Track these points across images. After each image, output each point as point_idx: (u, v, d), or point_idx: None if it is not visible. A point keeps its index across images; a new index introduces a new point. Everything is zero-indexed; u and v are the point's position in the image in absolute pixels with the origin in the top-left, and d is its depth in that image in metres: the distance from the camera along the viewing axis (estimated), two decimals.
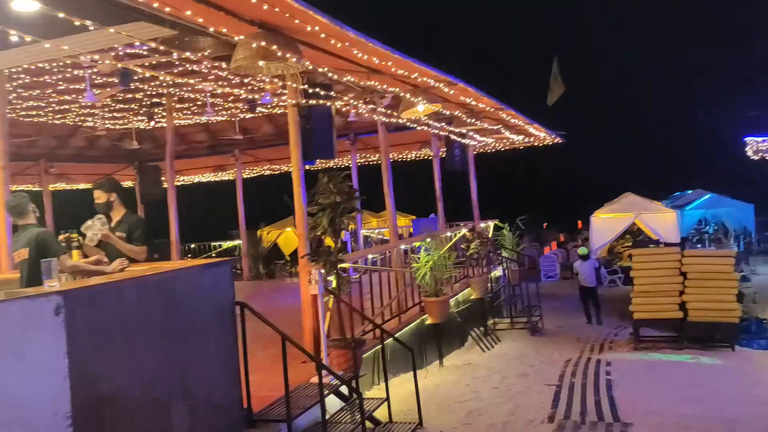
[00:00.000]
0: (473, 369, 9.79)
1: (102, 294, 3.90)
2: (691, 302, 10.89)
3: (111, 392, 3.77)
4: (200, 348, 4.67)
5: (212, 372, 4.76)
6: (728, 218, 25.48)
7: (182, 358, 4.45)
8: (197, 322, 4.66)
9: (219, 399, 4.84)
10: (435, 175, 13.70)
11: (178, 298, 4.49)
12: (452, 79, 7.45)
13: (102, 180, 6.17)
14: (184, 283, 4.63)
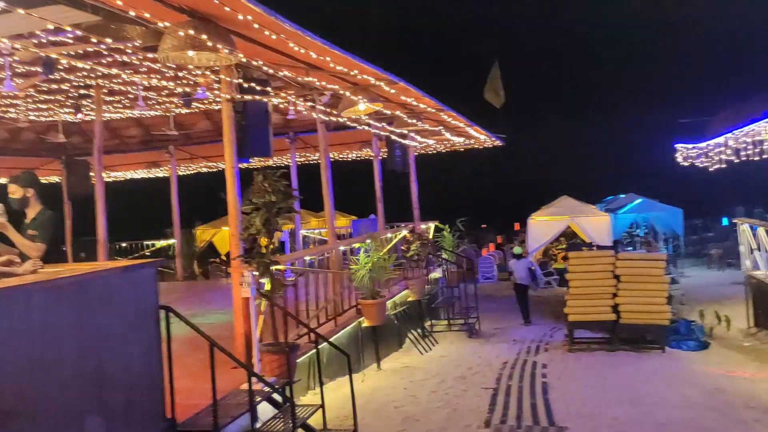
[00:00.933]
0: (411, 372, 9.69)
1: (6, 299, 3.56)
2: (623, 304, 11.10)
3: (16, 406, 3.45)
4: (119, 355, 4.36)
5: (132, 381, 4.46)
6: (658, 222, 26.36)
7: (99, 366, 4.14)
8: (117, 327, 4.36)
9: (140, 409, 4.54)
10: (375, 175, 13.59)
11: (95, 303, 4.18)
12: (393, 77, 7.31)
13: (19, 174, 5.74)
14: (103, 286, 4.32)
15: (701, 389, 8.20)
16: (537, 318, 15.98)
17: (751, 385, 8.50)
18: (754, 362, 10.26)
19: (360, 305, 9.91)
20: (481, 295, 16.63)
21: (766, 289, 12.60)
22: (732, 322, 13.19)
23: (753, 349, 11.55)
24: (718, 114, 14.76)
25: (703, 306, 14.99)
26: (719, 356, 11.04)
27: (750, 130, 12.74)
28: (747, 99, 13.12)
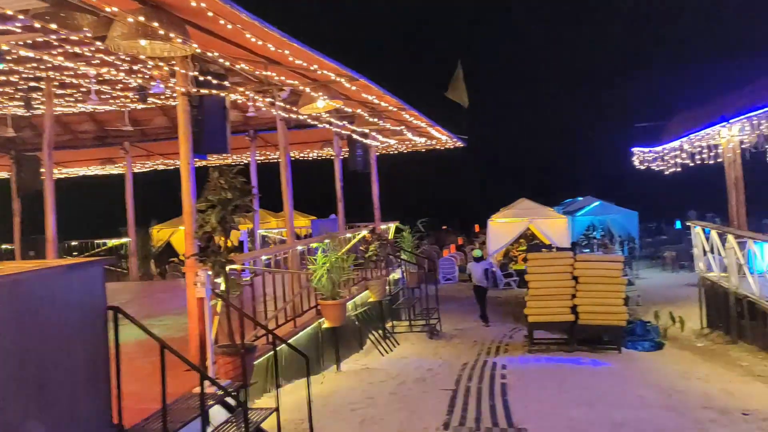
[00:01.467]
0: (371, 373, 9.57)
1: None
2: (582, 305, 11.19)
3: None
4: (62, 358, 4.13)
5: (76, 385, 4.23)
6: (614, 224, 26.85)
7: (40, 370, 3.91)
8: (60, 329, 4.13)
9: (84, 415, 4.32)
10: (336, 175, 13.45)
11: (36, 303, 3.95)
12: (354, 74, 7.18)
13: None
14: (45, 286, 4.09)
15: (657, 389, 8.29)
16: (497, 319, 16.06)
17: (706, 385, 8.62)
18: (708, 362, 10.45)
19: (320, 306, 9.76)
20: (442, 296, 16.62)
21: (719, 290, 12.87)
22: (686, 323, 13.45)
23: (706, 350, 11.78)
24: (674, 118, 15.03)
25: (657, 307, 15.26)
26: (674, 357, 11.21)
27: (705, 134, 13.00)
28: (702, 104, 13.38)
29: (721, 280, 12.78)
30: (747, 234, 12.75)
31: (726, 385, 8.56)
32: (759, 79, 11.06)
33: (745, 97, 10.64)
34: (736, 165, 13.67)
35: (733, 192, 13.73)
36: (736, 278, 11.95)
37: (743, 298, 11.48)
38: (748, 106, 9.82)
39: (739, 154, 13.53)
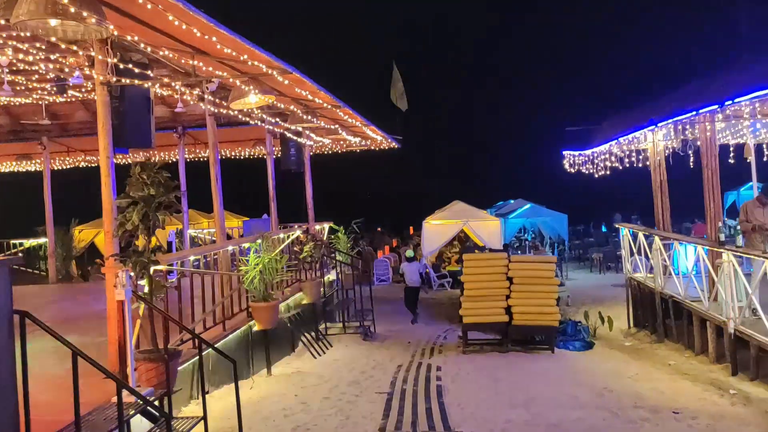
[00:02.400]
0: (303, 377, 9.29)
1: None
2: (516, 306, 11.23)
3: None
4: None
5: None
6: (545, 227, 27.42)
7: None
8: None
9: None
10: (269, 174, 13.08)
11: None
12: (286, 66, 6.90)
13: None
14: None
15: (590, 389, 8.35)
16: (431, 320, 16.04)
17: (637, 384, 8.76)
18: (637, 361, 10.66)
19: (251, 308, 9.41)
20: (377, 297, 16.48)
21: (646, 290, 13.22)
22: (614, 323, 13.73)
23: (633, 349, 12.04)
24: (604, 122, 15.37)
25: (587, 307, 15.56)
26: (604, 356, 11.40)
27: (634, 137, 13.32)
28: (631, 108, 13.72)
29: (647, 280, 13.14)
30: (672, 236, 13.14)
31: (656, 384, 8.72)
32: (685, 85, 11.39)
33: (672, 102, 10.93)
34: (661, 169, 14.07)
35: (659, 195, 14.12)
36: (662, 279, 12.29)
37: (668, 298, 11.80)
38: (675, 110, 10.07)
39: (664, 158, 13.95)
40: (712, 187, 11.60)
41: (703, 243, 10.96)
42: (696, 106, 8.89)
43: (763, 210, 9.96)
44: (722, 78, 9.04)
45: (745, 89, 7.58)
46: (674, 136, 12.82)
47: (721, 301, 9.67)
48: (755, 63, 8.15)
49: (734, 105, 8.46)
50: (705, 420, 6.75)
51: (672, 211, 14.25)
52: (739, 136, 16.07)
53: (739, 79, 8.21)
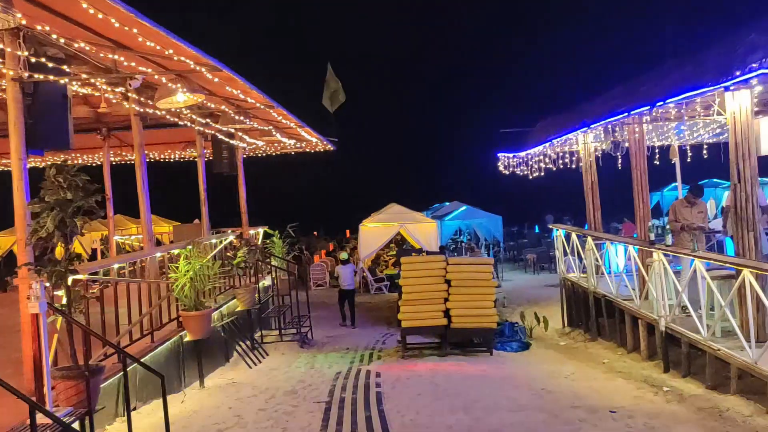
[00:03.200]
0: (238, 389, 8.93)
1: None
2: (454, 309, 11.17)
3: None
4: None
5: None
6: (480, 228, 27.66)
7: None
8: None
9: None
10: (200, 177, 12.61)
11: None
12: (216, 63, 6.56)
13: None
14: None
15: (529, 390, 8.34)
16: (369, 324, 15.88)
17: (574, 384, 8.81)
18: (572, 361, 10.78)
19: (181, 317, 8.98)
20: (314, 302, 16.21)
21: (579, 290, 13.43)
22: (549, 323, 13.90)
23: (568, 348, 12.20)
24: (538, 124, 15.59)
25: (522, 308, 15.75)
26: (541, 356, 11.49)
27: (567, 139, 13.53)
28: (564, 111, 13.93)
29: (580, 280, 13.35)
30: (604, 236, 13.41)
31: (592, 383, 8.80)
32: (615, 87, 11.62)
33: (604, 104, 11.13)
34: (592, 170, 14.36)
35: (590, 196, 14.40)
36: (595, 278, 12.51)
37: (601, 297, 12.01)
38: (606, 112, 10.25)
39: (594, 160, 14.23)
40: (641, 187, 11.89)
41: (634, 242, 11.19)
42: (628, 107, 9.04)
43: (691, 209, 10.23)
44: (653, 80, 9.23)
45: (675, 90, 7.74)
46: (604, 138, 13.08)
47: (652, 299, 9.88)
48: (683, 65, 8.34)
49: (664, 106, 8.63)
50: (642, 419, 6.80)
51: (602, 211, 14.56)
52: (664, 138, 16.61)
53: (669, 80, 8.39)
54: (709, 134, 16.41)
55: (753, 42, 5.96)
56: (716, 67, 7.00)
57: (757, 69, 5.79)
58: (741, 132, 8.24)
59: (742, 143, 8.26)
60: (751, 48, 5.92)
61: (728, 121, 8.34)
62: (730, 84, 6.68)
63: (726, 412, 6.97)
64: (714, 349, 8.00)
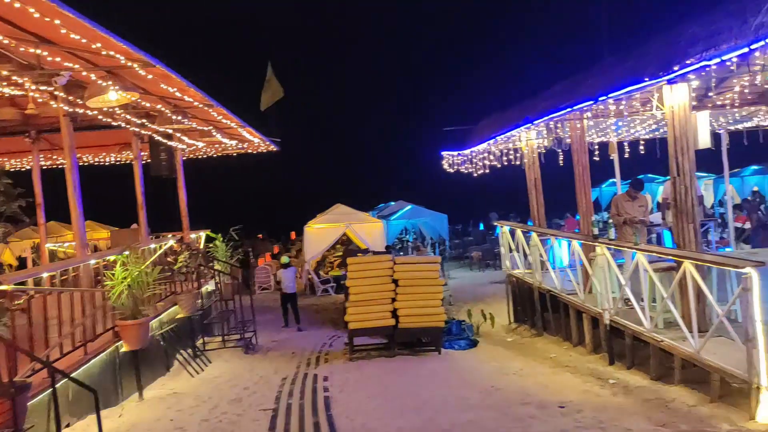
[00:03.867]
0: (179, 399, 8.58)
1: None
2: (402, 308, 11.06)
3: None
4: None
5: None
6: (426, 227, 27.77)
7: None
8: None
9: None
10: (136, 180, 12.12)
11: None
12: (149, 58, 6.23)
13: None
14: None
15: (478, 389, 8.29)
16: (315, 327, 15.65)
17: (522, 380, 8.82)
18: (520, 357, 10.82)
19: (118, 327, 8.57)
20: (259, 306, 15.87)
21: (524, 286, 13.53)
22: (496, 319, 13.97)
23: (515, 344, 12.27)
24: (482, 122, 15.65)
25: (469, 305, 15.78)
26: (488, 353, 11.51)
27: (511, 135, 13.61)
28: (508, 107, 14.02)
29: (525, 276, 13.45)
30: (549, 232, 13.56)
31: (539, 378, 8.82)
32: (556, 84, 11.74)
33: (547, 100, 11.22)
34: (535, 167, 14.49)
35: (534, 192, 14.53)
36: (540, 274, 12.62)
37: (546, 292, 12.13)
38: (550, 108, 10.33)
39: (537, 156, 14.37)
40: (584, 183, 12.04)
41: (578, 237, 11.32)
42: (572, 102, 9.12)
43: (633, 203, 10.41)
44: (596, 75, 9.34)
45: (618, 84, 7.83)
46: (547, 135, 13.22)
47: (596, 293, 10.01)
48: (625, 60, 8.45)
49: (605, 102, 8.72)
50: (590, 413, 6.82)
51: (546, 208, 14.72)
52: (603, 135, 16.95)
53: (612, 74, 8.48)
54: (645, 130, 16.83)
55: (694, 35, 6.04)
56: (658, 60, 7.09)
57: (698, 62, 5.86)
58: (679, 126, 8.41)
59: (681, 137, 8.43)
60: (692, 41, 6.00)
61: (667, 115, 8.50)
62: (673, 76, 6.75)
63: (671, 402, 7.06)
64: (657, 341, 8.12)
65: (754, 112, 15.42)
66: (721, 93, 12.73)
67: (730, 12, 5.40)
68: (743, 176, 25.10)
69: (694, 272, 7.42)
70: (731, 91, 12.65)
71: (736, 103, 13.38)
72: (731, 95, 12.90)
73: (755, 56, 5.95)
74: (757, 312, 6.15)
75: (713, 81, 8.61)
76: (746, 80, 11.90)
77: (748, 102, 13.84)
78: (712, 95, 10.59)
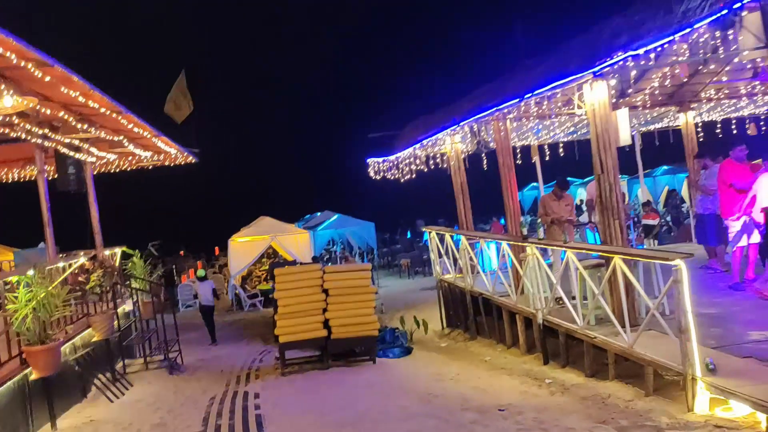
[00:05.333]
0: (97, 427, 7.95)
1: None
2: (334, 319, 10.73)
3: None
4: None
5: None
6: (354, 237, 27.52)
7: None
8: None
9: None
10: (41, 196, 11.26)
11: None
12: (45, 58, 5.65)
13: None
14: None
15: (417, 397, 8.06)
16: (244, 343, 15.11)
17: (459, 385, 8.66)
18: (455, 361, 10.69)
19: (24, 353, 7.84)
20: (183, 324, 15.20)
21: (456, 290, 13.46)
22: (429, 325, 13.84)
23: (450, 349, 12.16)
24: (407, 126, 15.55)
25: (401, 313, 15.62)
26: (424, 360, 11.34)
27: (437, 139, 13.54)
28: (434, 110, 13.96)
29: (456, 280, 13.38)
30: (478, 234, 13.56)
31: (477, 382, 8.68)
32: (482, 85, 11.76)
33: (473, 101, 11.21)
34: (461, 172, 14.48)
35: (460, 197, 14.50)
36: (471, 278, 12.56)
37: (478, 295, 12.07)
38: (476, 108, 10.29)
39: (462, 161, 14.37)
40: (510, 184, 12.08)
41: (508, 239, 11.31)
42: (498, 101, 9.08)
43: (559, 203, 10.49)
44: (520, 74, 9.36)
45: (543, 81, 7.82)
46: (471, 138, 13.23)
47: (528, 293, 9.99)
48: (546, 58, 8.48)
49: (528, 102, 8.72)
50: (531, 414, 6.71)
51: (473, 212, 14.74)
52: (524, 139, 17.22)
53: (536, 72, 8.49)
54: (564, 133, 17.23)
55: (618, 26, 6.05)
56: (583, 53, 7.10)
57: (624, 52, 5.86)
58: (601, 124, 8.48)
59: (602, 134, 8.50)
60: (617, 32, 6.00)
61: (588, 113, 8.56)
62: (600, 68, 6.75)
63: (608, 398, 7.05)
64: (590, 338, 8.13)
65: (664, 113, 16.05)
66: (634, 95, 13.16)
67: (651, 2, 5.43)
68: (655, 176, 26.18)
69: (624, 267, 7.45)
70: (642, 92, 13.10)
71: (648, 104, 13.88)
72: (643, 97, 13.37)
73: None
74: (688, 303, 6.20)
75: (632, 79, 8.80)
76: (657, 80, 12.36)
77: (659, 103, 14.39)
78: (630, 91, 10.84)
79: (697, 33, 4.81)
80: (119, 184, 18.72)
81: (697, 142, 14.89)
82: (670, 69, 11.25)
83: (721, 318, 7.92)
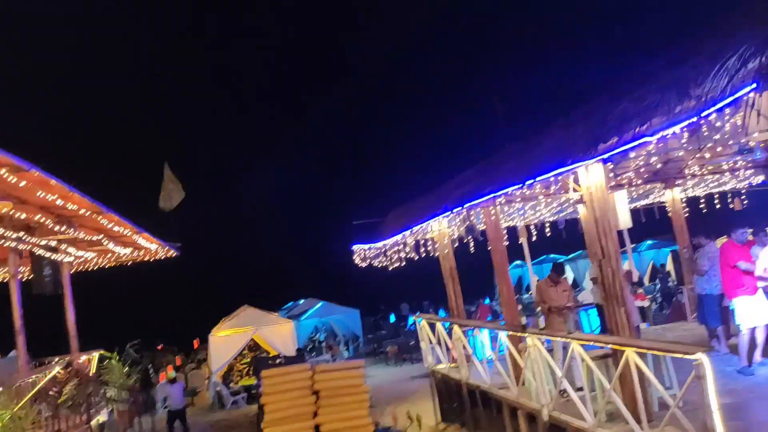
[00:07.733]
0: None
1: None
2: (325, 424, 10.07)
3: None
4: None
5: None
6: (338, 324, 26.81)
7: None
8: None
9: None
10: (13, 301, 10.67)
11: None
12: (20, 162, 5.34)
13: None
14: None
15: None
16: None
17: None
18: None
19: None
20: (160, 429, 14.28)
21: (451, 382, 12.83)
22: (423, 420, 13.14)
23: None
24: (391, 213, 15.32)
25: (392, 406, 14.89)
26: None
27: (428, 225, 13.28)
28: (420, 196, 13.76)
29: (451, 371, 12.77)
30: (472, 323, 13.08)
31: None
32: (465, 169, 11.62)
33: (462, 186, 11.01)
34: (450, 256, 14.14)
35: (450, 282, 14.08)
36: (467, 369, 11.98)
37: (475, 388, 11.48)
38: (468, 194, 10.06)
39: (450, 245, 14.06)
40: (503, 270, 11.72)
41: (505, 328, 10.85)
42: (494, 187, 8.84)
43: (556, 288, 10.15)
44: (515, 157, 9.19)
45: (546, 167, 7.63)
46: (460, 223, 12.99)
47: (530, 386, 9.45)
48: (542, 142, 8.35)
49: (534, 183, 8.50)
50: None
51: (462, 295, 14.31)
52: (510, 219, 17.06)
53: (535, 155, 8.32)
54: (550, 213, 17.14)
55: (625, 110, 5.89)
56: (588, 139, 6.92)
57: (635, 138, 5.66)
58: (599, 207, 8.22)
59: (602, 218, 8.23)
60: (625, 117, 5.84)
61: (585, 196, 8.33)
62: (610, 155, 6.53)
63: None
64: None
65: (650, 190, 16.06)
66: (621, 174, 13.13)
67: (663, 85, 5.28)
68: (640, 251, 26.14)
69: (639, 361, 7.03)
70: (627, 171, 13.07)
71: (634, 182, 13.84)
72: (629, 175, 13.33)
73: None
74: (714, 401, 5.77)
75: (619, 158, 8.65)
76: (642, 159, 12.34)
77: (645, 180, 14.37)
78: (617, 170, 10.72)
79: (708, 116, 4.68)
80: (96, 281, 18.07)
81: (684, 219, 14.84)
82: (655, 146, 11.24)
83: (740, 409, 7.47)
